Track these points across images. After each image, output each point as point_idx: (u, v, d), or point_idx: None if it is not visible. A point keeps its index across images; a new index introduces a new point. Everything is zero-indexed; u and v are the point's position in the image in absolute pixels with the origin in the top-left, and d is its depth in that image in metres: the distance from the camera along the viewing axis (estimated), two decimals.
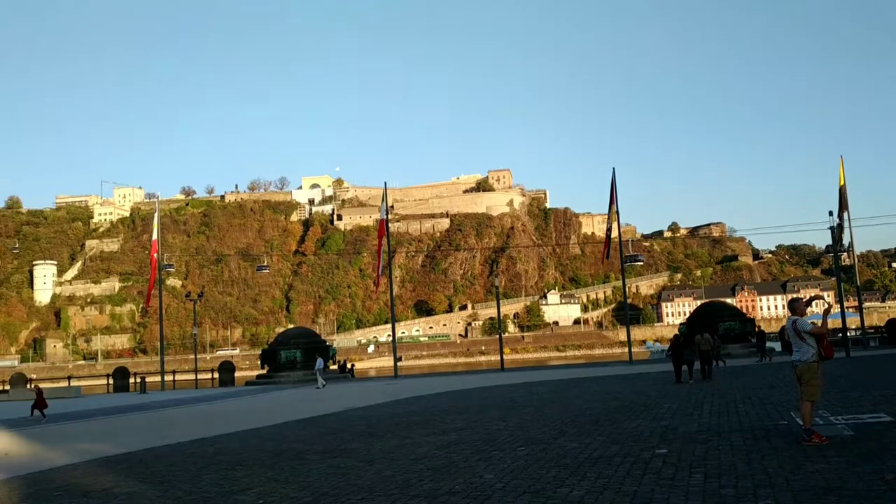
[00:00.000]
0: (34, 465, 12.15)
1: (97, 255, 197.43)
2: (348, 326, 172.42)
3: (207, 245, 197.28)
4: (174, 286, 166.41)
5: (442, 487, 7.94)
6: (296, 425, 17.28)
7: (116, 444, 14.66)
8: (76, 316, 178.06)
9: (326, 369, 45.11)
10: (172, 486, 9.39)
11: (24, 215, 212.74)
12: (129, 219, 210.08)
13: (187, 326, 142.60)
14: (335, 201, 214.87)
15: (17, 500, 9.01)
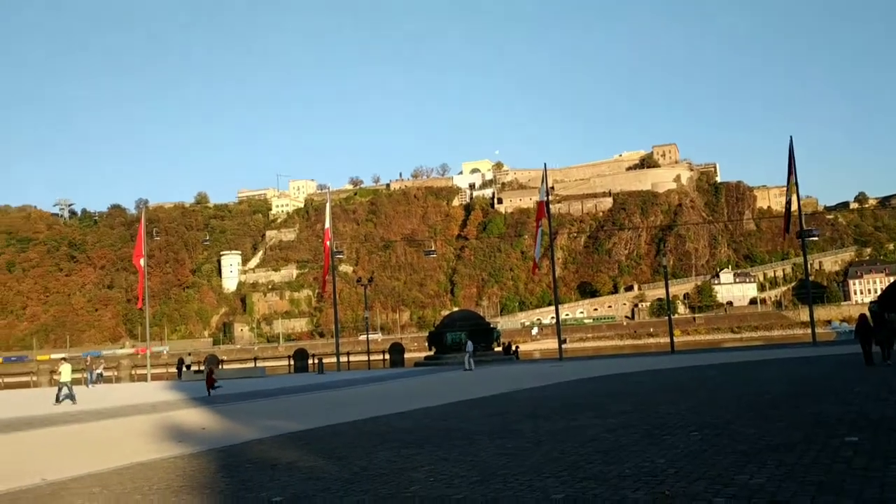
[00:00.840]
0: (227, 439, 13.17)
1: (276, 245, 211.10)
2: (511, 309, 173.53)
3: (375, 232, 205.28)
4: (346, 272, 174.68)
5: (612, 471, 7.77)
6: (463, 406, 17.59)
7: (298, 421, 15.59)
8: (259, 301, 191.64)
9: (490, 351, 45.65)
10: (349, 461, 9.84)
11: (211, 209, 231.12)
12: (304, 209, 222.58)
13: (359, 310, 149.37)
14: (495, 185, 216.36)
15: (214, 470, 9.81)
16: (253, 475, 9.23)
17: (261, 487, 8.34)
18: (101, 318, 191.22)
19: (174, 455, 11.51)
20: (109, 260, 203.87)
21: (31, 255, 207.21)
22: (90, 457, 11.95)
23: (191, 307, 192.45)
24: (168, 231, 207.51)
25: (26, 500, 8.42)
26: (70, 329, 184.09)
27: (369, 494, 7.52)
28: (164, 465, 10.61)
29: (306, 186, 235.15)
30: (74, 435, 15.75)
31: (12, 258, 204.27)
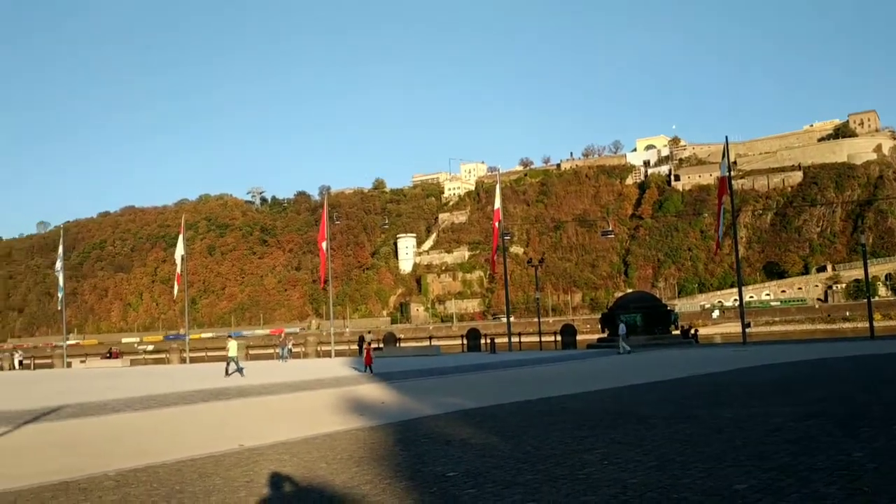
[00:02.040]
0: (404, 414, 13.67)
1: (448, 227, 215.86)
2: (690, 290, 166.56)
3: (546, 213, 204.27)
4: (516, 253, 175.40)
5: (801, 462, 7.25)
6: (638, 389, 17.15)
7: (471, 399, 15.88)
8: (433, 282, 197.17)
9: (667, 334, 44.15)
10: (522, 440, 9.89)
11: (387, 194, 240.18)
12: (475, 192, 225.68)
13: (530, 291, 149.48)
14: (671, 161, 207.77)
15: (392, 444, 10.22)
16: (428, 450, 9.51)
17: (435, 462, 8.57)
18: (289, 297, 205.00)
19: (356, 427, 12.11)
20: (296, 243, 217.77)
21: (229, 239, 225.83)
22: (281, 426, 12.84)
23: (370, 288, 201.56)
24: (348, 215, 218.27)
25: (227, 463, 9.19)
26: (263, 308, 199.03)
27: (542, 474, 7.51)
28: (347, 436, 11.19)
29: (477, 169, 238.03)
30: (266, 406, 16.99)
31: (213, 243, 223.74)
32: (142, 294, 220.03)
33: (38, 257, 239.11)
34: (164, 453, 10.17)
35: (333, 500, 6.90)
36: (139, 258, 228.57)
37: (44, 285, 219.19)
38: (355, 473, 8.12)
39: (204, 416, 15.30)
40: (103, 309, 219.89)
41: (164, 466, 9.10)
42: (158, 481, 8.18)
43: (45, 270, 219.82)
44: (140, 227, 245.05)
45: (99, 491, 7.78)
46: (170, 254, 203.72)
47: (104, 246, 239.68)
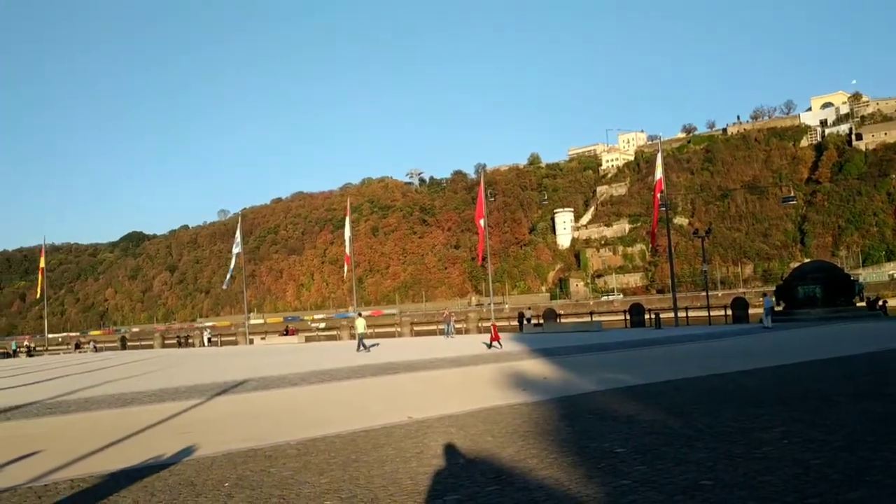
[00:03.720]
0: (566, 390, 13.58)
1: (607, 200, 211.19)
2: (876, 259, 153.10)
3: (711, 181, 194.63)
4: (681, 224, 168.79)
5: None
6: (819, 365, 16.05)
7: (635, 375, 15.52)
8: (593, 257, 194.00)
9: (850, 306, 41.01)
10: (692, 417, 9.55)
11: (543, 169, 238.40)
12: (634, 162, 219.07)
13: (696, 264, 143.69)
14: (852, 119, 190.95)
15: (556, 419, 10.19)
16: (594, 425, 9.40)
17: (602, 438, 8.46)
18: (449, 275, 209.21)
19: (519, 402, 12.19)
20: (455, 222, 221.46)
21: (391, 220, 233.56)
22: (446, 400, 13.16)
23: (528, 264, 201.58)
24: (505, 192, 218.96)
25: (398, 435, 9.55)
26: (425, 286, 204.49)
27: (716, 452, 7.22)
28: (510, 410, 11.29)
29: (636, 139, 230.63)
30: (431, 380, 17.47)
31: (376, 224, 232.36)
32: (313, 274, 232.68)
33: (219, 242, 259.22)
34: (340, 424, 10.73)
35: (501, 472, 6.99)
36: (309, 241, 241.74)
37: (226, 268, 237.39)
38: (521, 447, 8.18)
39: (374, 390, 15.98)
40: (279, 289, 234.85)
41: (339, 437, 9.61)
42: (335, 450, 8.64)
43: (226, 255, 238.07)
44: (309, 211, 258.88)
45: (283, 458, 8.34)
46: (337, 236, 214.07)
47: (277, 230, 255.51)
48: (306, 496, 6.51)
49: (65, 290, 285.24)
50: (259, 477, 7.40)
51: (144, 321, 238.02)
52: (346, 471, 7.48)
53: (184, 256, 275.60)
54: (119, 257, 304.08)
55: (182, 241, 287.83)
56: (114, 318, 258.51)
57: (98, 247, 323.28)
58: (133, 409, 14.49)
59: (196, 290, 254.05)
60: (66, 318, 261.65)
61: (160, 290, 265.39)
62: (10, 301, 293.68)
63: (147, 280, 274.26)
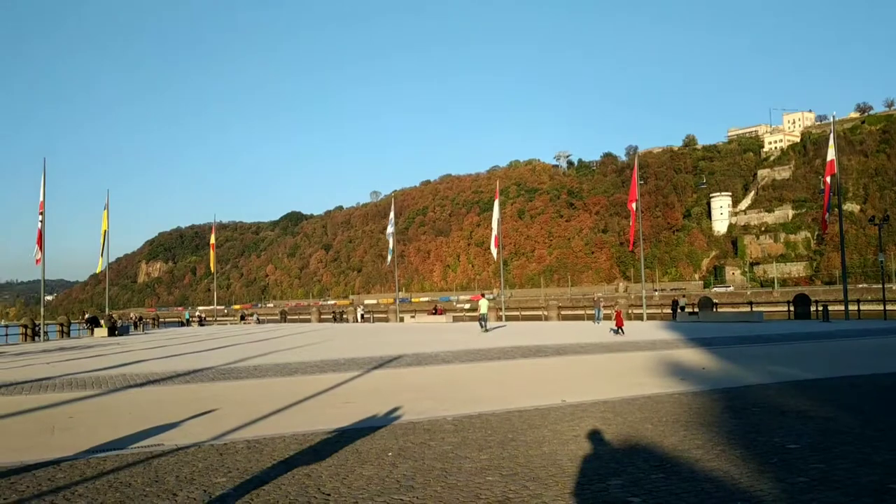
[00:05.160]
0: (728, 381, 12.99)
1: (769, 184, 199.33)
2: None
3: (888, 164, 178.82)
4: (851, 211, 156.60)
5: None
6: None
7: (804, 369, 14.61)
8: (751, 244, 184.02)
9: None
10: (871, 416, 8.88)
11: (699, 151, 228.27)
12: (800, 144, 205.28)
13: (868, 254, 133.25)
14: None
15: (720, 410, 9.77)
16: (761, 419, 8.93)
17: (771, 432, 8.02)
18: (596, 260, 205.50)
19: (678, 391, 11.79)
20: (603, 206, 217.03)
21: (537, 203, 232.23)
22: (600, 385, 12.96)
23: (681, 250, 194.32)
24: (657, 175, 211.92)
25: (553, 417, 9.51)
26: (570, 269, 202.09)
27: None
28: (668, 399, 10.95)
29: (802, 119, 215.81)
30: (582, 364, 17.25)
31: (522, 206, 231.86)
32: (459, 256, 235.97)
33: (371, 223, 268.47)
34: (494, 403, 10.83)
35: (665, 461, 6.79)
36: (456, 222, 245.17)
37: (377, 248, 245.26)
38: (683, 437, 7.91)
39: (526, 371, 16.00)
40: (427, 269, 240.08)
41: (495, 415, 9.69)
42: (491, 428, 8.73)
43: (377, 235, 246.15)
44: (457, 193, 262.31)
45: (441, 433, 8.52)
46: (483, 218, 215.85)
47: (426, 212, 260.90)
48: (468, 471, 6.61)
49: (230, 265, 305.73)
50: (420, 449, 7.60)
51: (301, 296, 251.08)
52: (504, 448, 7.53)
53: (338, 236, 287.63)
54: (279, 235, 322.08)
55: (336, 221, 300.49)
56: (273, 293, 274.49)
57: (260, 225, 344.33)
58: (297, 378, 15.31)
59: (349, 268, 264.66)
60: (232, 292, 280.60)
61: (316, 268, 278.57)
62: (184, 274, 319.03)
63: (304, 257, 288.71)
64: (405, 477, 6.42)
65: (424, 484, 6.17)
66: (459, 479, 6.29)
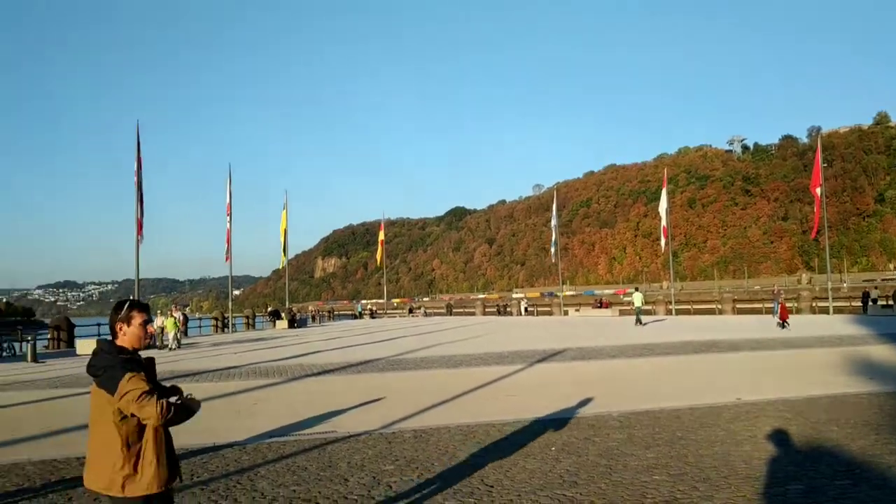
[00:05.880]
0: None
1: None
2: None
3: None
4: None
5: None
6: None
7: None
8: None
9: None
10: None
11: (892, 129, 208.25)
12: None
13: None
14: None
15: None
16: None
17: None
18: (776, 249, 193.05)
19: (867, 391, 10.85)
20: (782, 192, 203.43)
21: (709, 191, 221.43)
22: (778, 382, 12.15)
23: (872, 237, 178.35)
24: (844, 157, 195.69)
25: (727, 416, 9.05)
26: (747, 260, 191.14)
27: None
28: (857, 399, 10.10)
29: None
30: (759, 360, 16.26)
31: (693, 195, 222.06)
32: (625, 248, 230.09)
33: (534, 216, 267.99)
34: (663, 399, 10.46)
35: (853, 466, 6.26)
36: (622, 213, 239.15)
37: (540, 241, 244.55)
38: (874, 441, 7.26)
39: (697, 367, 15.32)
40: (591, 262, 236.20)
41: (663, 412, 9.36)
42: (659, 426, 8.43)
43: (540, 228, 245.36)
44: (621, 183, 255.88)
45: (606, 428, 8.34)
46: (650, 208, 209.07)
47: (590, 203, 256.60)
48: (633, 468, 6.43)
49: (399, 259, 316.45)
50: (584, 445, 7.49)
51: (466, 290, 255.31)
52: (672, 447, 7.26)
53: (501, 230, 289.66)
54: (444, 231, 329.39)
55: (500, 216, 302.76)
56: (440, 287, 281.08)
57: (426, 221, 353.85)
58: (461, 370, 15.56)
59: (512, 261, 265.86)
60: (401, 286, 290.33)
61: (480, 262, 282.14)
62: (356, 269, 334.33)
63: (468, 252, 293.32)
64: (568, 472, 6.35)
65: (588, 480, 6.07)
66: (624, 477, 6.13)
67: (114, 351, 3.31)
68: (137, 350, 3.41)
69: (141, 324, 3.42)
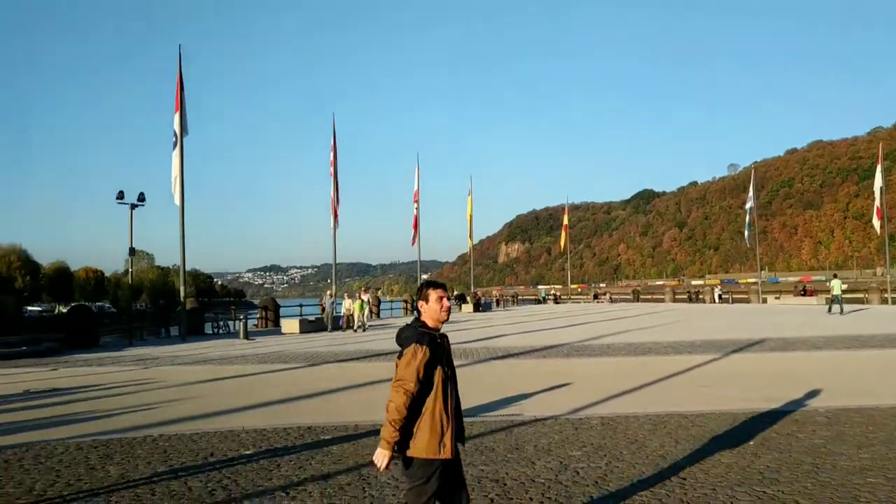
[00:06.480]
0: None
1: None
2: None
3: None
4: None
5: None
6: None
7: None
8: None
9: None
10: None
11: None
12: None
13: None
14: None
15: None
16: None
17: None
18: None
19: None
20: None
21: None
22: None
23: None
24: None
25: None
26: None
27: None
28: None
29: None
30: None
31: None
32: (832, 231, 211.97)
33: (729, 198, 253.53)
34: (877, 396, 9.58)
35: None
36: (829, 193, 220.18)
37: (735, 225, 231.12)
38: None
39: None
40: (793, 246, 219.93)
41: (878, 410, 8.55)
42: (874, 424, 7.72)
43: (736, 210, 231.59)
44: (829, 161, 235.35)
45: (812, 425, 7.75)
46: (863, 187, 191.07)
47: (792, 183, 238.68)
48: (843, 469, 5.92)
49: (583, 245, 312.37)
50: (786, 441, 7.01)
51: (654, 276, 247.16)
52: (890, 448, 6.60)
53: (692, 213, 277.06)
54: (630, 214, 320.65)
55: (691, 198, 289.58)
56: (626, 273, 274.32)
57: (611, 204, 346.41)
58: (649, 358, 15.11)
59: (705, 246, 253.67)
60: (585, 271, 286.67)
61: (669, 246, 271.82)
62: (539, 254, 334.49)
63: (657, 236, 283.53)
64: (769, 469, 5.96)
65: (791, 478, 5.66)
66: (833, 477, 5.66)
67: (415, 326, 3.61)
68: (439, 327, 3.67)
69: (437, 299, 3.66)
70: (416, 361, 3.43)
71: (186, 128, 26.11)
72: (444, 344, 3.65)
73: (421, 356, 3.44)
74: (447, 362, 3.59)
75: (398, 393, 3.43)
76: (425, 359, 3.45)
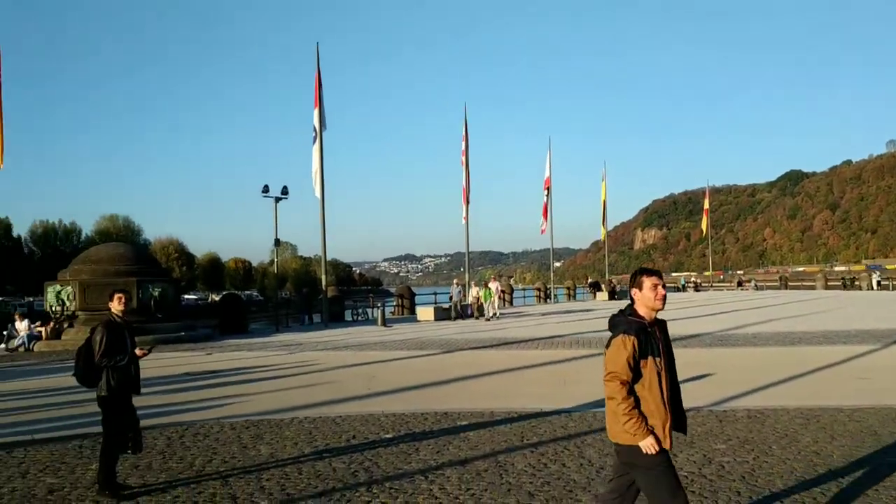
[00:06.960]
0: None
1: None
2: None
3: None
4: None
5: None
6: None
7: None
8: None
9: None
10: None
11: None
12: None
13: None
14: None
15: None
16: None
17: None
18: None
19: None
20: None
21: None
22: None
23: None
24: None
25: None
26: None
27: None
28: None
29: None
30: None
31: None
32: None
33: (888, 177, 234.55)
34: None
35: None
36: None
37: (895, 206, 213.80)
38: None
39: None
40: None
41: None
42: None
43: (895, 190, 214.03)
44: None
45: None
46: None
47: None
48: None
49: (725, 229, 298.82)
50: None
51: (804, 262, 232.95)
52: None
53: (846, 194, 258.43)
54: (777, 196, 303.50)
55: (844, 178, 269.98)
56: (772, 258, 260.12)
57: (756, 187, 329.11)
58: (800, 348, 14.28)
59: (861, 229, 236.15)
60: (727, 257, 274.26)
61: (820, 230, 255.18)
62: (677, 240, 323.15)
63: (806, 219, 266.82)
64: None
65: None
66: None
67: (627, 314, 3.55)
68: (652, 315, 3.53)
69: (651, 286, 3.53)
70: (626, 352, 3.36)
71: (325, 123, 27.09)
72: (657, 332, 3.51)
73: (630, 347, 3.36)
74: (661, 351, 3.46)
75: (613, 387, 3.39)
76: (634, 349, 3.36)
